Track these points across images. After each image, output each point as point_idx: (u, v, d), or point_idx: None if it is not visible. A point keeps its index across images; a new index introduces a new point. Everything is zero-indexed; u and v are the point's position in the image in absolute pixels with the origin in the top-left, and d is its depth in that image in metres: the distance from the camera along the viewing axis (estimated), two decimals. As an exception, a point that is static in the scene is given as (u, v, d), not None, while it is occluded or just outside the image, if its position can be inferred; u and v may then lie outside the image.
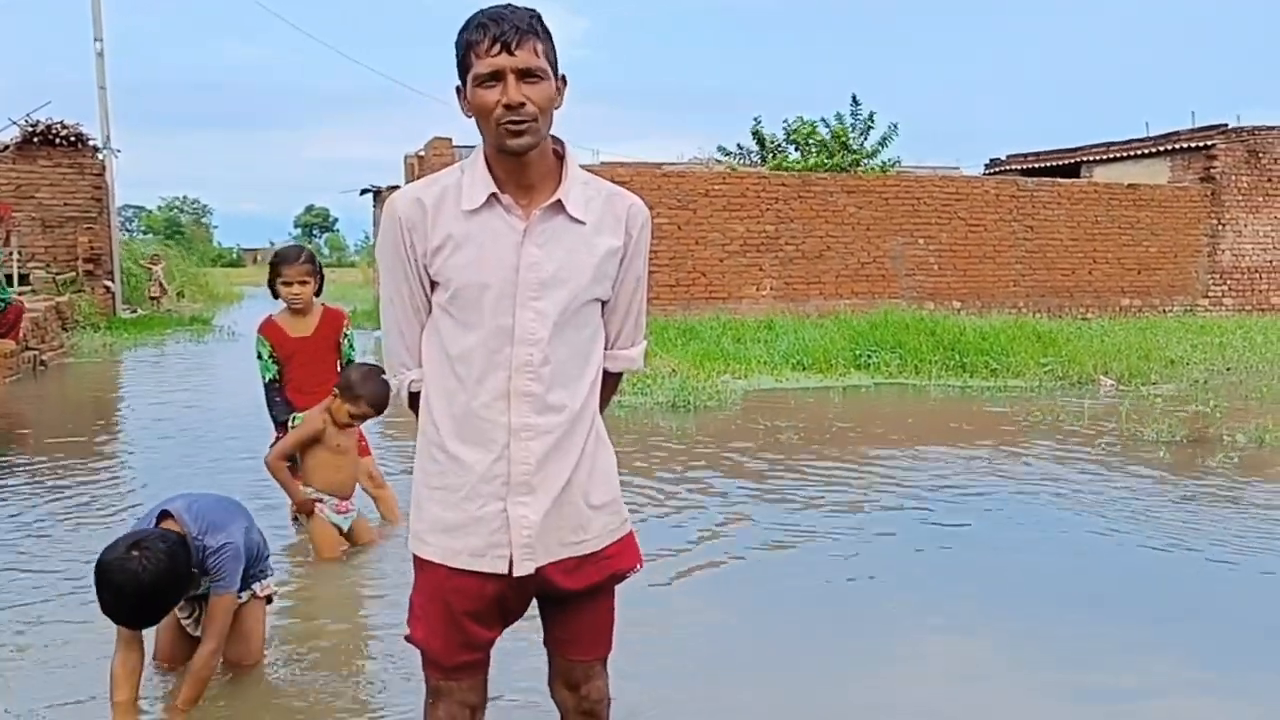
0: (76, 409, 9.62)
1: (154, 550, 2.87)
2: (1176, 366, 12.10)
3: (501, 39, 1.98)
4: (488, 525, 2.10)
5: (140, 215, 75.71)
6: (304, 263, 4.95)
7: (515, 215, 2.08)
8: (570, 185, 2.12)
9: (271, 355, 4.99)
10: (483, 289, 2.06)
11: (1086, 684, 3.49)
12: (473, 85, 2.03)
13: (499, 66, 1.99)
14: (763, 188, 17.47)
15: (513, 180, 2.09)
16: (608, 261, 2.15)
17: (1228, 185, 20.27)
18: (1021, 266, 18.88)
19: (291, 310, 5.01)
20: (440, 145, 17.04)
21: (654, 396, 9.68)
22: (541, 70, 2.02)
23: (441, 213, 2.08)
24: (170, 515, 3.16)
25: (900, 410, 9.75)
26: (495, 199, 2.08)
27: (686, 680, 3.51)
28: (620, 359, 2.30)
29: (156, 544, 2.91)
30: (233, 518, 3.30)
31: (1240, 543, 5.09)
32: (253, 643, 3.53)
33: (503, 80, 2.00)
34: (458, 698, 2.22)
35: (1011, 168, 25.24)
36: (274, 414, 5.04)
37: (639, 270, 2.25)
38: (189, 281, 30.87)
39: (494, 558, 2.10)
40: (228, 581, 3.20)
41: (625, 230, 2.18)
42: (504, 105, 1.99)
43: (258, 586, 3.53)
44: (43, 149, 18.93)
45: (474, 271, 2.06)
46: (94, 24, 20.53)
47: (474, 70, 2.02)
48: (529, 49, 2.00)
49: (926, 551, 5.01)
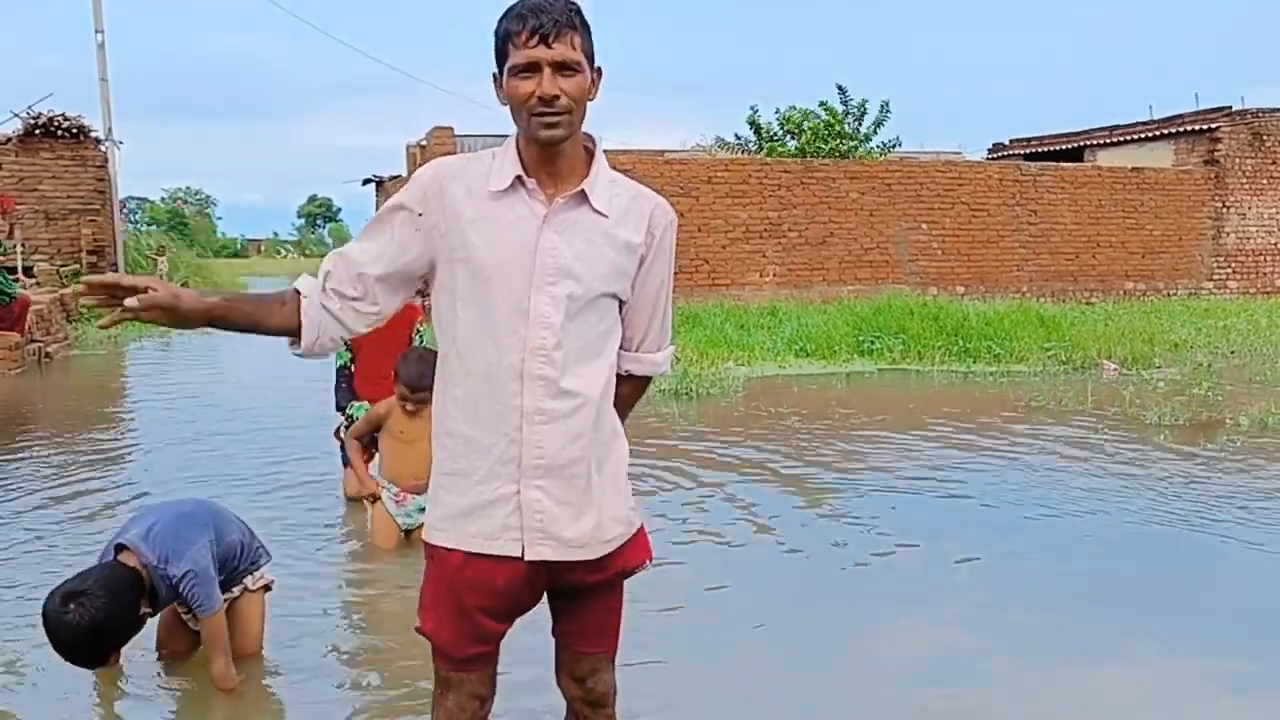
0: (81, 401, 9.65)
1: (91, 599, 2.83)
2: (1180, 350, 12.10)
3: (540, 31, 1.99)
4: (502, 508, 2.11)
5: (143, 206, 75.68)
6: None
7: (538, 200, 2.09)
8: (596, 179, 2.13)
9: (347, 344, 5.08)
10: (499, 269, 2.07)
11: (1082, 670, 3.51)
12: (509, 75, 2.03)
13: (535, 58, 2.00)
14: (765, 174, 17.45)
15: (541, 168, 2.10)
16: (626, 258, 2.15)
17: (1232, 168, 20.21)
18: (1025, 251, 18.86)
19: None
20: (442, 135, 17.03)
21: (657, 384, 9.68)
22: (577, 63, 2.03)
23: (468, 187, 2.10)
24: (127, 548, 3.09)
25: (904, 396, 9.76)
26: (520, 182, 2.09)
27: (683, 665, 3.53)
28: (645, 362, 2.30)
29: (95, 592, 2.85)
30: (193, 537, 3.18)
31: (1243, 527, 5.11)
32: (248, 636, 3.51)
33: (539, 72, 2.00)
34: (467, 689, 2.24)
35: (1014, 152, 25.17)
36: (338, 400, 5.28)
37: (663, 273, 2.24)
38: (193, 273, 30.85)
39: (508, 540, 2.11)
40: (205, 606, 3.16)
41: (648, 229, 2.18)
42: (538, 97, 2.00)
43: (249, 580, 3.49)
44: (45, 141, 18.94)
45: (492, 251, 2.07)
46: (94, 16, 20.49)
47: (510, 60, 2.02)
48: (566, 42, 2.01)
49: (923, 538, 5.03)
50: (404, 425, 4.75)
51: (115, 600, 2.88)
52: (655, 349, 2.31)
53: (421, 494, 4.72)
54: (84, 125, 19.25)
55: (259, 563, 3.55)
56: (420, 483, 4.70)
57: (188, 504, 3.43)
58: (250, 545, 3.52)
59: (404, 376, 4.59)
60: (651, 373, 2.34)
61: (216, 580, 3.22)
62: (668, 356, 2.35)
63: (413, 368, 4.55)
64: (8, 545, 4.87)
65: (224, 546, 3.33)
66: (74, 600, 2.83)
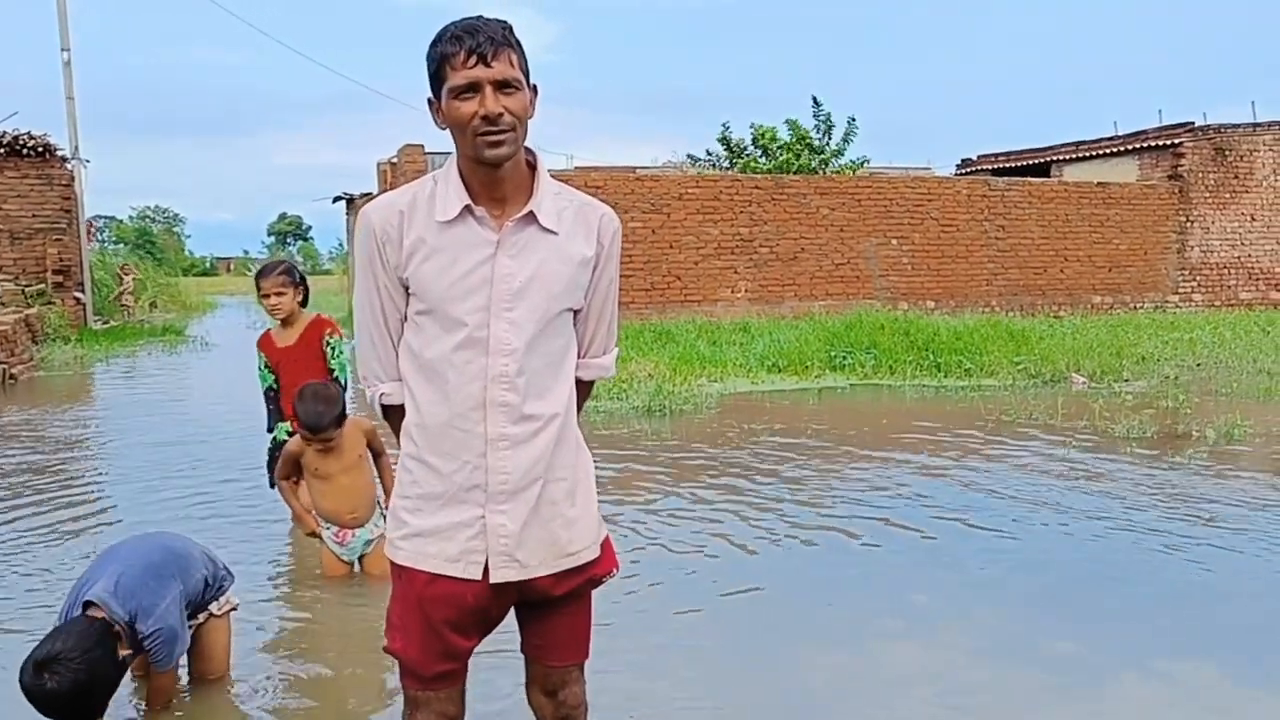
0: (47, 424, 9.52)
1: (67, 664, 2.75)
2: (1147, 363, 12.22)
3: (478, 51, 1.99)
4: (465, 532, 2.11)
5: (111, 225, 74.98)
6: (279, 274, 5.08)
7: (488, 227, 2.09)
8: (542, 196, 2.13)
9: (266, 365, 5.21)
10: (456, 300, 2.07)
11: (1048, 679, 3.52)
12: (449, 97, 2.03)
13: (476, 78, 2.00)
14: (736, 190, 17.52)
15: (486, 192, 2.09)
16: (580, 271, 2.16)
17: (1195, 182, 20.50)
18: (994, 266, 19.02)
19: (281, 322, 5.16)
20: (412, 152, 16.99)
21: (630, 401, 9.68)
22: (517, 81, 2.04)
23: (414, 223, 2.09)
24: (94, 603, 2.99)
25: (875, 411, 9.79)
26: (469, 211, 2.08)
27: (658, 679, 3.51)
28: (593, 367, 2.32)
29: (70, 655, 2.76)
30: (163, 590, 3.10)
31: (1210, 538, 5.14)
32: (214, 661, 3.51)
33: (480, 92, 2.01)
34: (436, 708, 2.22)
35: (983, 168, 25.43)
36: (269, 421, 5.30)
37: (610, 277, 2.26)
38: (161, 291, 30.61)
39: (468, 564, 2.11)
40: (164, 663, 3.11)
41: (597, 240, 2.20)
42: (481, 116, 2.00)
43: (215, 606, 3.46)
44: (10, 160, 18.72)
45: (448, 283, 2.07)
46: (60, 34, 20.34)
47: (450, 83, 2.02)
48: (505, 60, 2.02)
49: (893, 552, 5.04)
50: (319, 463, 4.47)
51: (90, 657, 2.80)
52: (602, 352, 2.33)
53: (362, 527, 4.61)
54: (50, 143, 19.04)
55: (224, 588, 3.51)
56: (357, 516, 4.60)
57: (154, 550, 3.26)
58: (215, 574, 3.45)
59: (301, 417, 4.33)
60: (599, 376, 2.35)
61: (183, 638, 3.17)
62: (614, 359, 2.37)
63: (308, 406, 4.31)
64: None
65: (190, 587, 3.25)
66: (48, 669, 2.74)
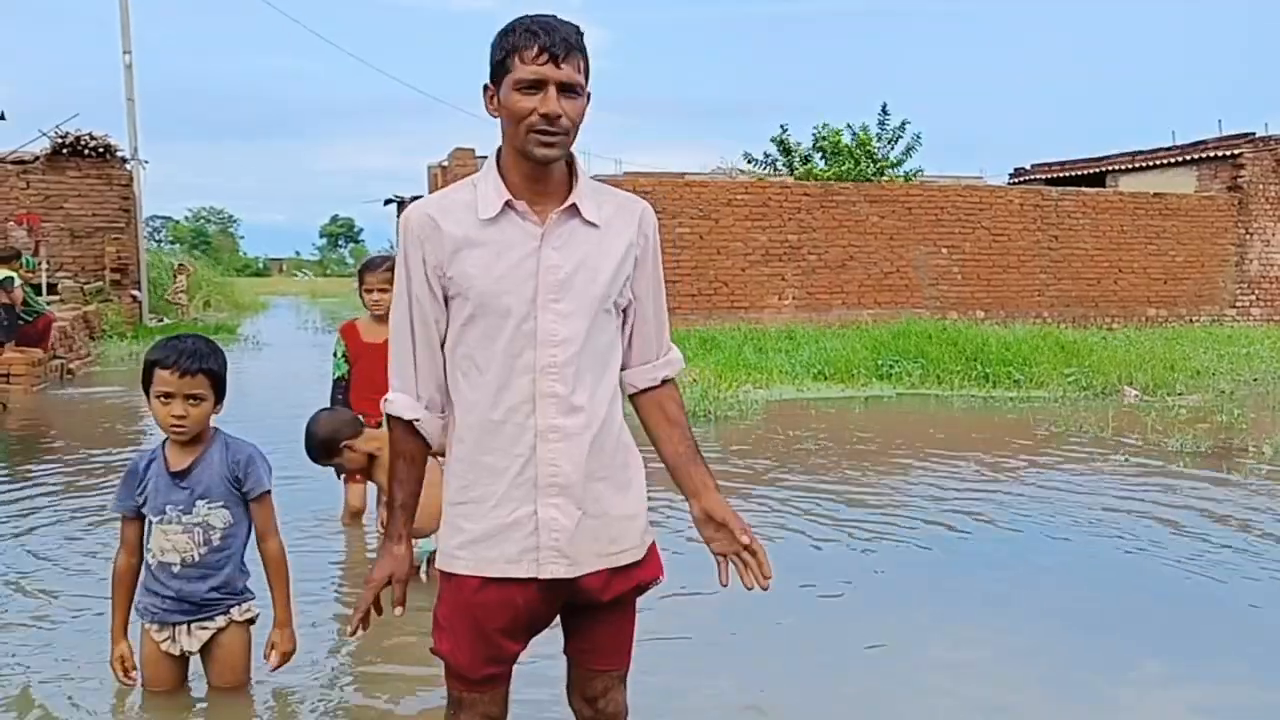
0: (99, 416, 9.70)
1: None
2: (1202, 377, 12.00)
3: (550, 49, 2.00)
4: (521, 530, 2.11)
5: (167, 225, 76.41)
6: (386, 270, 4.98)
7: (531, 221, 2.10)
8: (582, 191, 2.15)
9: (344, 355, 5.19)
10: (502, 294, 2.08)
11: (1094, 693, 3.46)
12: (511, 89, 2.04)
13: (544, 76, 2.01)
14: (785, 197, 17.47)
15: (528, 186, 2.11)
16: (624, 263, 2.17)
17: (1255, 194, 20.10)
18: (1046, 276, 18.78)
19: (374, 316, 5.10)
20: (463, 155, 17.14)
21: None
22: (580, 86, 2.05)
23: (456, 221, 2.10)
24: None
25: (922, 421, 9.70)
26: (510, 206, 2.10)
27: (698, 678, 3.50)
28: (674, 363, 2.34)
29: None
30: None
31: (1265, 558, 5.04)
32: (232, 672, 3.34)
33: (544, 90, 2.01)
34: (480, 710, 2.22)
35: (1036, 177, 25.12)
36: None
37: (657, 273, 2.28)
38: (215, 291, 31.07)
39: (529, 562, 2.12)
40: (262, 485, 3.37)
41: (640, 230, 2.21)
42: (541, 114, 2.01)
43: (235, 612, 3.32)
44: (71, 160, 19.18)
45: (494, 277, 2.08)
46: (122, 37, 20.76)
47: (515, 74, 2.02)
48: (573, 64, 2.03)
49: (936, 566, 4.99)
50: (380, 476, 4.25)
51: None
52: (668, 350, 2.35)
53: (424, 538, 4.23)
54: (110, 144, 19.48)
55: (245, 596, 3.37)
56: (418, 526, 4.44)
57: None
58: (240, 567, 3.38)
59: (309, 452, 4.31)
60: (678, 369, 2.37)
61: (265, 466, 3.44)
62: (678, 353, 2.39)
63: (310, 426, 4.25)
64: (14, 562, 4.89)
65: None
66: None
